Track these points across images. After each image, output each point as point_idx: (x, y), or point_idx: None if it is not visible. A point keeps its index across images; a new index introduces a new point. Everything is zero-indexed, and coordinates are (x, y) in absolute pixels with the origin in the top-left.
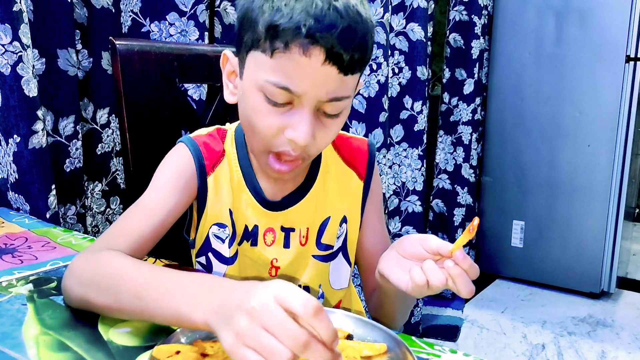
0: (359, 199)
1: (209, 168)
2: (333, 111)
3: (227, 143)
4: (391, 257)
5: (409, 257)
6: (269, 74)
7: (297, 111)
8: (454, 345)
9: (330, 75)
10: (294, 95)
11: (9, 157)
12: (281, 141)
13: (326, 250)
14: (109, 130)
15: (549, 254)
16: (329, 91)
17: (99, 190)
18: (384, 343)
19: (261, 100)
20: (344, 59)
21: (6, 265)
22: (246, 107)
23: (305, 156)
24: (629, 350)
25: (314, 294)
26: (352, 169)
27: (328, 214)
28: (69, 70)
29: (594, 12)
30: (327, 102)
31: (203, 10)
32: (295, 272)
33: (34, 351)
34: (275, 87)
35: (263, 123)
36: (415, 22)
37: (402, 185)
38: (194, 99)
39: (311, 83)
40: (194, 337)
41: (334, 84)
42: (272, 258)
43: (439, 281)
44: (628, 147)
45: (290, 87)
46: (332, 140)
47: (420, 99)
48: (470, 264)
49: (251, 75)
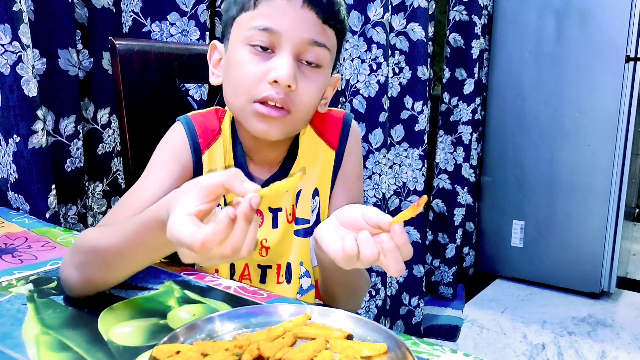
0: (329, 169)
1: (203, 146)
2: (313, 58)
3: (224, 123)
4: (329, 223)
5: (347, 227)
6: (253, 21)
7: (279, 55)
8: (453, 345)
9: (309, 18)
10: (276, 37)
11: (9, 157)
12: (264, 87)
13: (304, 225)
14: (109, 130)
15: (548, 254)
16: (309, 32)
17: (100, 190)
18: (384, 343)
19: (246, 52)
20: (321, 5)
21: (6, 265)
22: (231, 68)
23: (290, 106)
24: (629, 350)
25: (296, 272)
26: (321, 138)
27: (300, 186)
28: (70, 70)
29: (594, 12)
30: (307, 45)
31: (204, 10)
32: (284, 251)
33: (34, 351)
34: (258, 30)
35: (246, 71)
36: (416, 22)
37: (403, 185)
38: (194, 98)
39: (292, 23)
40: (194, 338)
41: (314, 27)
42: (261, 239)
43: (371, 253)
44: (628, 147)
45: (272, 26)
46: (315, 99)
47: (420, 99)
48: (405, 241)
49: (237, 36)
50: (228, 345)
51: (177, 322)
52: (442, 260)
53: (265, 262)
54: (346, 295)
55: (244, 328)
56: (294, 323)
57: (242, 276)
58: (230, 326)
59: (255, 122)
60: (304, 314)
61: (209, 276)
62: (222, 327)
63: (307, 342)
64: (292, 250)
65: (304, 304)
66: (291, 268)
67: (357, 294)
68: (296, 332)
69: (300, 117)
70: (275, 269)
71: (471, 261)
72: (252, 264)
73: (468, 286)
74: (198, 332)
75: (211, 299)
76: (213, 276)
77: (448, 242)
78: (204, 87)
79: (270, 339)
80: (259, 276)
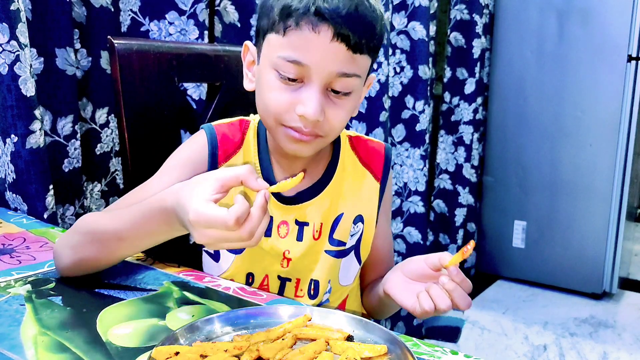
0: (375, 199)
1: (221, 158)
2: (342, 88)
3: (248, 134)
4: (397, 278)
5: (415, 278)
6: (282, 50)
7: (307, 88)
8: (455, 347)
9: (339, 51)
10: (304, 70)
11: (7, 157)
12: (292, 117)
13: (339, 247)
14: (108, 130)
15: (550, 255)
16: (337, 66)
17: (98, 191)
18: (385, 344)
19: (274, 77)
20: (352, 38)
21: (4, 265)
22: (261, 86)
23: (319, 133)
24: (631, 352)
25: (323, 289)
26: (367, 170)
27: (341, 210)
28: (68, 69)
29: (596, 12)
30: (336, 77)
31: (203, 9)
32: (307, 266)
33: (32, 352)
34: (286, 62)
35: (275, 98)
36: (417, 20)
37: (404, 185)
38: (193, 98)
39: (320, 57)
40: (193, 339)
41: (343, 59)
42: (284, 250)
43: (446, 305)
44: (630, 147)
45: (300, 59)
46: (345, 121)
47: (422, 98)
48: (463, 278)
49: (266, 57)
50: (227, 347)
51: (176, 323)
52: None
53: (286, 274)
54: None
55: (243, 329)
56: (294, 324)
57: (261, 286)
58: (230, 327)
59: (286, 142)
60: (304, 315)
61: (208, 277)
62: (221, 328)
63: (307, 343)
64: (319, 268)
65: (303, 305)
66: (319, 285)
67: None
68: (296, 333)
69: (332, 137)
70: (294, 283)
71: (472, 262)
72: (272, 275)
73: None
74: (197, 333)
75: (210, 300)
76: (212, 277)
77: (449, 242)
78: (202, 86)
79: (269, 340)
80: (278, 288)
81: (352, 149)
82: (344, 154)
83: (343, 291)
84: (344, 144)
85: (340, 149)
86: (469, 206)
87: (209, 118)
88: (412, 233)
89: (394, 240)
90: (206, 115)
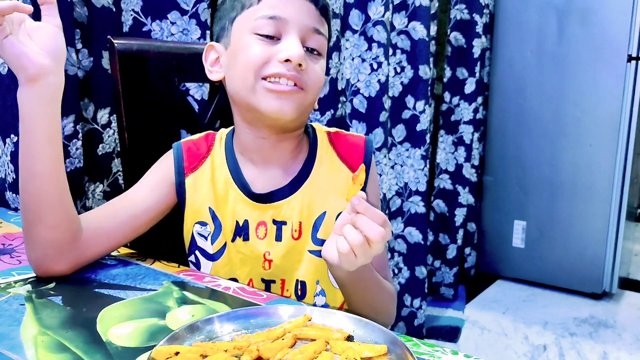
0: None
1: (187, 170)
2: (315, 46)
3: (215, 145)
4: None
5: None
6: (259, 12)
7: (286, 38)
8: (455, 347)
9: (310, 8)
10: (282, 24)
11: (7, 157)
12: (273, 64)
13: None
14: (110, 131)
15: (550, 255)
16: (311, 21)
17: (100, 191)
18: (385, 344)
19: (253, 38)
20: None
21: (4, 265)
22: (237, 55)
23: (300, 84)
24: (631, 352)
25: (311, 291)
26: (345, 165)
27: (324, 209)
28: (69, 69)
29: (595, 11)
30: (310, 32)
31: (205, 9)
32: (291, 266)
33: (32, 352)
34: (266, 19)
35: (255, 52)
36: (418, 20)
37: (405, 185)
38: (195, 98)
39: (296, 11)
40: (193, 339)
41: (315, 17)
42: (264, 251)
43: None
44: (630, 147)
45: (278, 14)
46: (322, 80)
47: (422, 98)
48: (365, 207)
49: (241, 31)
50: (227, 347)
51: (176, 323)
52: (443, 261)
53: (269, 276)
54: (374, 313)
55: (243, 329)
56: (294, 324)
57: None
58: (230, 327)
59: (267, 100)
60: (304, 315)
61: (207, 277)
62: (221, 328)
63: (307, 343)
64: (304, 269)
65: (303, 305)
66: (306, 286)
67: (383, 310)
68: (296, 333)
69: (311, 95)
70: (279, 284)
71: (472, 262)
72: (256, 278)
73: (469, 287)
74: (197, 333)
75: (210, 300)
76: (212, 277)
77: (449, 242)
78: (204, 86)
79: (269, 340)
80: (263, 290)
81: (331, 144)
82: (322, 150)
83: (339, 294)
84: (321, 140)
85: (317, 145)
86: (469, 206)
87: (209, 118)
88: (412, 233)
89: (394, 240)
90: (206, 115)
